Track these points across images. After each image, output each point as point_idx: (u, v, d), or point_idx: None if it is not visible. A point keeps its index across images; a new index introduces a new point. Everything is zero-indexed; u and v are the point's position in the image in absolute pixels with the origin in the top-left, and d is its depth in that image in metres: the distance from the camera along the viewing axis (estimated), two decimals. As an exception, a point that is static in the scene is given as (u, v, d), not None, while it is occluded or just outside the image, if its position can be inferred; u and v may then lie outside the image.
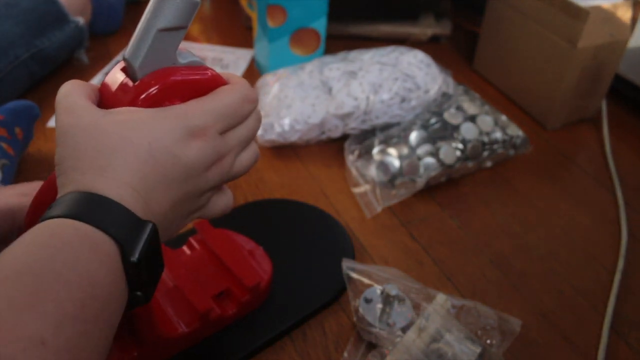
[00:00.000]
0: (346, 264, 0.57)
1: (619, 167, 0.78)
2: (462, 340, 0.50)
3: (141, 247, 0.30)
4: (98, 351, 0.27)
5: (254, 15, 0.89)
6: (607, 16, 0.75)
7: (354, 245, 0.63)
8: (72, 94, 0.34)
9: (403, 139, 0.72)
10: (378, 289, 0.55)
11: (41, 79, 0.86)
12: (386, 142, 0.72)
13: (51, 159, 0.75)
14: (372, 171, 0.70)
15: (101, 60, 0.93)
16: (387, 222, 0.67)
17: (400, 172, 0.69)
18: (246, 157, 0.38)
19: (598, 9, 0.74)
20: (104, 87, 0.36)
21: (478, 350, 0.50)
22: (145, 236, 0.30)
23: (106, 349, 0.28)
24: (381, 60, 0.77)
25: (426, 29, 1.03)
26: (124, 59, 0.35)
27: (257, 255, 0.56)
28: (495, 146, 0.74)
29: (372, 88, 0.73)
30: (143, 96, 0.34)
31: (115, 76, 0.36)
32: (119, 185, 0.31)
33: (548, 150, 0.82)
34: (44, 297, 0.25)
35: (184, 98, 0.35)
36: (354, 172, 0.72)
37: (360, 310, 0.54)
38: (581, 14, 0.74)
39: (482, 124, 0.74)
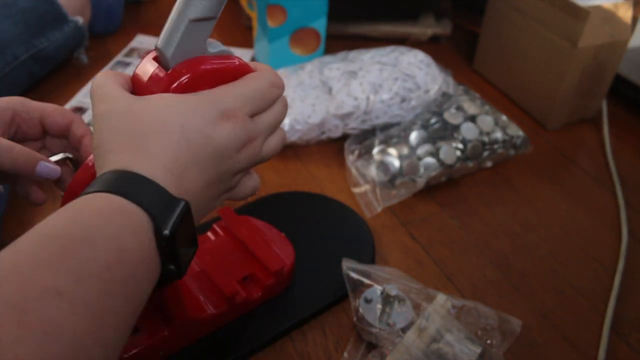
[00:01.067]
0: (346, 264, 0.57)
1: (619, 167, 0.78)
2: (462, 340, 0.50)
3: (173, 221, 0.31)
4: (125, 312, 0.28)
5: (254, 15, 0.89)
6: (607, 16, 0.75)
7: (374, 240, 0.63)
8: (106, 84, 0.36)
9: (403, 139, 0.72)
10: (378, 289, 0.55)
11: (40, 79, 0.86)
12: (386, 142, 0.72)
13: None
14: (372, 171, 0.70)
15: (100, 60, 0.93)
16: (387, 222, 0.67)
17: (401, 172, 0.69)
18: (274, 141, 0.40)
19: (598, 9, 0.74)
20: (135, 77, 0.37)
21: (478, 350, 0.50)
22: (177, 212, 0.31)
23: (134, 315, 0.29)
24: (381, 60, 0.77)
25: (426, 29, 1.03)
26: (157, 49, 0.36)
27: (279, 241, 0.58)
28: (495, 146, 0.74)
29: (372, 88, 0.73)
30: (175, 84, 0.36)
31: (146, 66, 0.37)
32: (153, 165, 0.32)
33: (548, 150, 0.81)
34: (67, 255, 0.27)
35: (214, 86, 0.37)
36: (354, 172, 0.71)
37: (360, 310, 0.53)
38: (581, 13, 0.74)
39: (483, 124, 0.74)
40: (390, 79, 0.74)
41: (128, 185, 0.31)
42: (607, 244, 0.66)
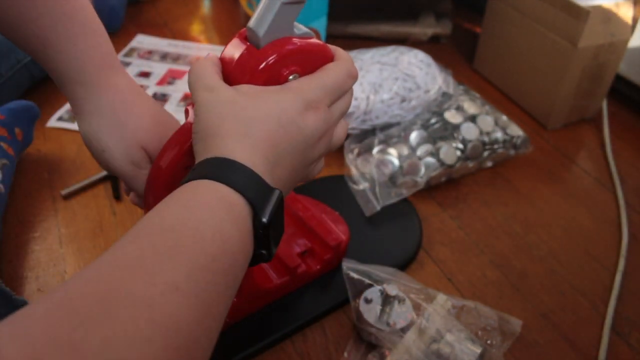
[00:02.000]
0: (346, 264, 0.57)
1: (619, 167, 0.78)
2: (462, 340, 0.50)
3: (270, 209, 0.33)
4: (225, 300, 0.30)
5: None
6: (607, 16, 0.75)
7: (422, 231, 0.65)
8: (206, 75, 0.38)
9: (403, 138, 0.72)
10: (378, 289, 0.55)
11: (40, 80, 0.86)
12: (386, 142, 0.72)
13: (51, 159, 0.75)
14: (372, 170, 0.70)
15: (101, 60, 0.93)
16: (387, 222, 0.67)
17: (401, 172, 0.69)
18: (341, 129, 0.41)
19: (599, 9, 0.74)
20: (225, 56, 0.40)
21: (478, 350, 0.50)
22: (274, 200, 0.33)
23: (231, 298, 0.31)
24: (381, 60, 0.77)
25: (426, 28, 1.03)
26: (249, 28, 0.38)
27: (334, 218, 0.61)
28: (495, 146, 0.74)
29: (372, 88, 0.73)
30: (263, 65, 0.38)
31: (237, 45, 0.39)
32: (253, 153, 0.34)
33: (548, 150, 0.81)
34: (181, 250, 0.28)
35: (298, 65, 0.39)
36: (353, 170, 0.71)
37: (361, 310, 0.53)
38: (582, 13, 0.74)
39: (483, 123, 0.74)
40: (390, 79, 0.74)
41: (231, 173, 0.33)
42: (607, 244, 0.66)
